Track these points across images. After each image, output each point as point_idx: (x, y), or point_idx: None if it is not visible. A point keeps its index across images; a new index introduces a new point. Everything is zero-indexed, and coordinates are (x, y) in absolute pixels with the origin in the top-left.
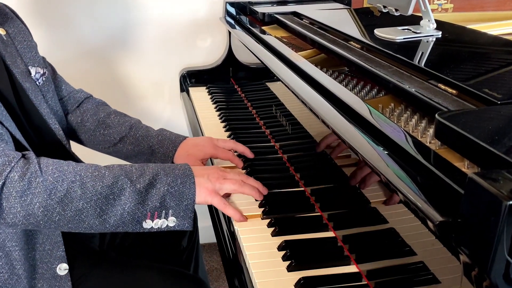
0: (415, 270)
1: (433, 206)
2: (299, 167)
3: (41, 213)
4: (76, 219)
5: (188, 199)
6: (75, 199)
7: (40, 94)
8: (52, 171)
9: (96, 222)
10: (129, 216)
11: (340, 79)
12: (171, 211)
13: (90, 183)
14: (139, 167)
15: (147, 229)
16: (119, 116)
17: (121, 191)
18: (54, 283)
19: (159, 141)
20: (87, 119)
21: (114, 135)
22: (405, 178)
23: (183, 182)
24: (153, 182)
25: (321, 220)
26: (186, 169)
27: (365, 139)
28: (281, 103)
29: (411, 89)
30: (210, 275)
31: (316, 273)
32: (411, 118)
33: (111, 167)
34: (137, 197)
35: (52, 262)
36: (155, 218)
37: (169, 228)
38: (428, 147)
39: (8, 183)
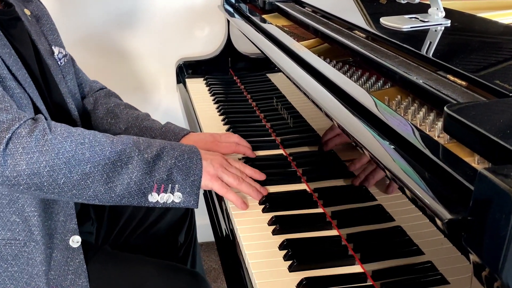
0: (422, 270)
1: (442, 203)
2: (301, 162)
3: (46, 173)
4: (81, 184)
5: (194, 174)
6: (83, 161)
7: (61, 74)
8: (61, 131)
9: (102, 189)
10: (135, 186)
11: (344, 70)
12: (177, 186)
13: (99, 147)
14: (146, 139)
15: (152, 203)
16: (128, 109)
17: (129, 159)
18: (67, 254)
19: (162, 132)
20: (97, 107)
21: (120, 125)
22: (413, 174)
23: (190, 157)
24: (160, 154)
25: (324, 218)
26: (192, 146)
27: (370, 133)
28: (283, 95)
29: (419, 80)
30: (208, 275)
31: (319, 273)
32: (419, 111)
33: (119, 136)
34: (145, 167)
35: (65, 234)
36: (161, 192)
37: (174, 204)
38: (436, 141)
39: (14, 139)
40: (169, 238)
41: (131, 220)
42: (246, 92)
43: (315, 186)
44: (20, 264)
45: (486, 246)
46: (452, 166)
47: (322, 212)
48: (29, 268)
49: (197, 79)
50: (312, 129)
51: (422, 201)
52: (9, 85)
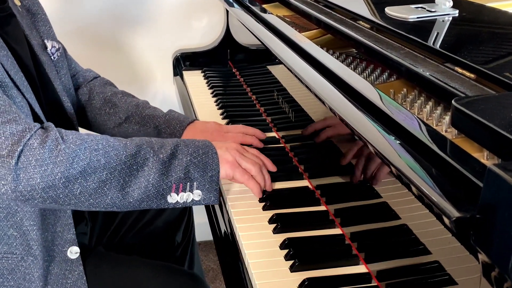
0: (429, 270)
1: (450, 200)
2: (303, 158)
3: (62, 184)
4: (98, 192)
5: (212, 169)
6: (99, 168)
7: (55, 70)
8: (73, 139)
9: (120, 195)
10: (153, 188)
11: (347, 62)
12: (195, 183)
13: (113, 151)
14: (158, 139)
15: (172, 204)
16: (126, 96)
17: (145, 161)
18: (65, 266)
19: (166, 120)
20: (93, 97)
21: (119, 114)
22: (419, 170)
23: (205, 152)
24: (174, 152)
25: (327, 216)
26: (206, 141)
27: (375, 127)
28: (284, 88)
29: (425, 73)
30: (207, 276)
31: (322, 274)
32: (425, 105)
33: (132, 138)
34: (161, 167)
35: (63, 245)
36: (180, 191)
37: (194, 202)
38: (444, 136)
39: (26, 151)
40: (166, 238)
41: (127, 218)
42: (246, 85)
43: (318, 183)
44: (17, 278)
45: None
46: (460, 162)
47: (324, 209)
48: (26, 283)
49: (195, 71)
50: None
51: (429, 198)
52: (11, 94)
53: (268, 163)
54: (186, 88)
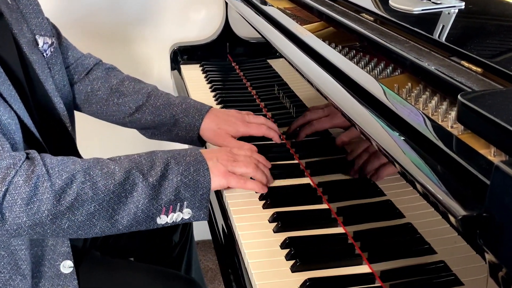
0: (435, 270)
1: (456, 198)
2: (304, 155)
3: (49, 221)
4: (87, 224)
5: (203, 188)
6: (87, 201)
7: (47, 68)
8: (59, 172)
9: (109, 224)
10: (143, 214)
11: (350, 55)
12: (186, 203)
13: (102, 182)
14: (148, 157)
15: (161, 225)
16: (133, 82)
17: (133, 186)
18: (58, 282)
19: (184, 109)
20: (98, 88)
21: (129, 104)
22: (424, 167)
23: (196, 170)
24: (164, 173)
25: (329, 214)
26: (197, 154)
27: (379, 123)
28: (285, 82)
29: (431, 66)
30: (205, 276)
31: (324, 274)
32: (431, 100)
33: (119, 160)
34: (151, 192)
35: (55, 259)
36: (170, 212)
37: (184, 220)
38: (449, 132)
39: (12, 190)
40: (163, 238)
41: None
42: (246, 80)
43: (320, 180)
44: None
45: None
46: (467, 158)
47: (327, 208)
48: None
49: (193, 65)
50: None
51: (435, 196)
52: None
53: (262, 160)
54: (184, 83)
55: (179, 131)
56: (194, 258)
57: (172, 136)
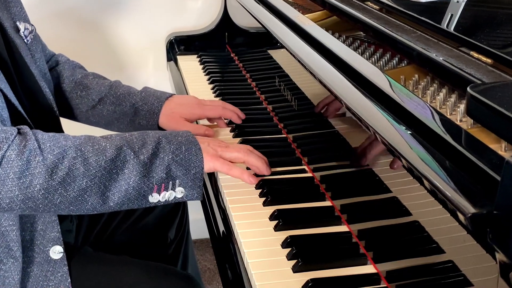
0: (443, 270)
1: (465, 195)
2: (306, 150)
3: (41, 195)
4: (79, 200)
5: (196, 166)
6: (78, 177)
7: (29, 53)
8: (51, 147)
9: (100, 200)
10: (134, 191)
11: (355, 46)
12: (178, 181)
13: (93, 158)
14: (140, 136)
15: (154, 203)
16: (97, 78)
17: (124, 163)
18: (47, 268)
19: (143, 97)
20: (63, 80)
21: (92, 96)
22: (432, 162)
23: (188, 149)
24: (156, 151)
25: (332, 212)
26: (189, 135)
27: (384, 116)
28: (286, 74)
29: (439, 57)
30: (203, 277)
31: (327, 274)
32: (439, 92)
33: (110, 138)
34: (142, 169)
35: (44, 245)
36: (162, 191)
37: (177, 199)
38: (458, 126)
39: (4, 163)
40: (158, 234)
41: (116, 214)
42: (245, 71)
43: (322, 176)
44: None
45: None
46: (476, 153)
47: (330, 205)
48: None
49: (190, 56)
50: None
51: (443, 193)
52: None
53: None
54: (180, 74)
55: (140, 121)
56: (190, 255)
57: (135, 127)
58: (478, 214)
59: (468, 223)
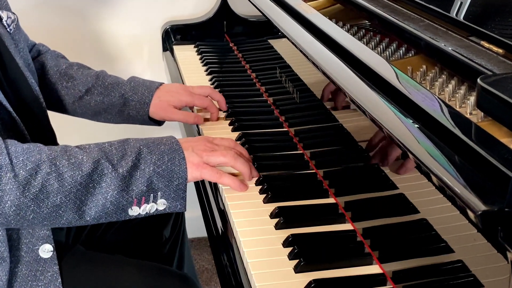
0: (452, 271)
1: (475, 192)
2: (309, 144)
3: (12, 212)
4: (53, 215)
5: (179, 178)
6: (52, 193)
7: (13, 43)
8: (23, 162)
9: (76, 216)
10: (112, 205)
11: (359, 35)
12: (160, 193)
13: (68, 173)
14: (119, 146)
15: (134, 216)
16: (82, 68)
17: (102, 177)
18: (36, 267)
19: (132, 87)
20: (47, 71)
21: (79, 87)
22: (440, 157)
23: (171, 159)
24: (136, 163)
25: (336, 209)
26: (173, 143)
27: (390, 109)
28: (287, 65)
29: (447, 47)
30: (200, 277)
31: (330, 275)
32: (447, 84)
33: (88, 149)
34: (120, 183)
35: (34, 243)
36: (143, 204)
37: (158, 211)
38: (468, 119)
39: None
40: (152, 233)
41: None
42: (245, 62)
43: (326, 172)
44: None
45: None
46: (487, 148)
47: (333, 202)
48: None
49: (187, 46)
50: (322, 105)
51: (452, 189)
52: None
53: (245, 153)
54: (177, 65)
55: (130, 111)
56: (186, 254)
57: (124, 118)
58: (489, 211)
59: (478, 221)
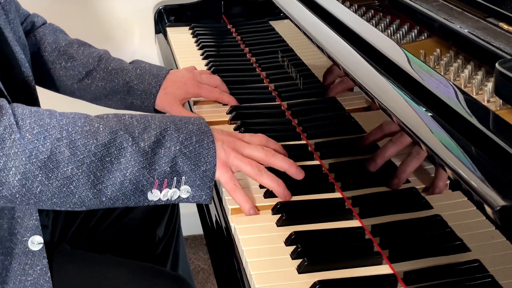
0: (468, 271)
1: (493, 186)
2: (313, 134)
3: (17, 182)
4: (63, 191)
5: (207, 163)
6: (62, 162)
7: (4, 13)
8: (30, 125)
9: (90, 194)
10: (131, 185)
11: (368, 16)
12: (184, 178)
13: (81, 140)
14: (142, 118)
15: (153, 202)
16: (83, 47)
17: (121, 151)
18: (25, 260)
19: (138, 75)
20: (44, 48)
21: (79, 68)
22: (456, 148)
23: (199, 140)
24: (161, 139)
25: (343, 205)
26: (202, 123)
27: (401, 96)
28: (290, 48)
29: (463, 29)
30: (196, 278)
31: (337, 276)
32: (463, 69)
33: (106, 118)
34: (142, 159)
35: (22, 234)
36: (164, 187)
37: (181, 200)
38: (485, 107)
39: None
40: (145, 231)
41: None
42: (244, 45)
43: (331, 164)
44: None
45: None
46: (506, 138)
47: (340, 197)
48: None
49: (182, 28)
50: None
51: (468, 183)
52: None
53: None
54: (170, 49)
55: (133, 100)
56: (181, 254)
57: (127, 105)
58: (508, 207)
59: (496, 218)
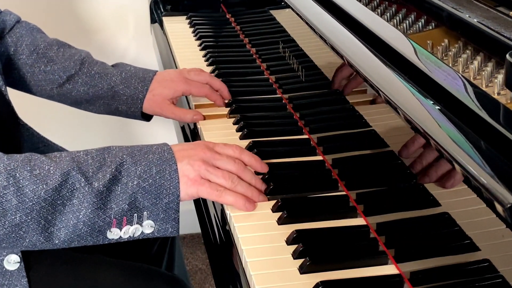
0: (477, 271)
1: (503, 182)
2: (315, 128)
3: None
4: (12, 237)
5: (169, 194)
6: (10, 210)
7: None
8: None
9: (41, 238)
10: (86, 226)
11: (373, 5)
12: (146, 213)
13: (29, 186)
14: (98, 155)
15: (114, 240)
16: (63, 48)
17: (73, 192)
18: (2, 281)
19: (124, 79)
20: (22, 50)
21: (59, 72)
22: (464, 143)
23: (160, 170)
24: (117, 175)
25: (347, 202)
26: (164, 151)
27: (408, 88)
28: (291, 39)
29: (472, 19)
30: (193, 279)
31: (340, 276)
32: (472, 60)
33: (58, 158)
34: (96, 200)
35: None
36: (124, 225)
37: (145, 235)
38: (495, 100)
39: None
40: None
41: None
42: (243, 35)
43: (334, 160)
44: None
45: None
46: None
47: (344, 194)
48: None
49: (178, 17)
50: (330, 84)
51: (477, 179)
52: None
53: (255, 162)
54: (167, 39)
55: (119, 106)
56: (177, 253)
57: (110, 111)
58: None
59: (507, 215)
